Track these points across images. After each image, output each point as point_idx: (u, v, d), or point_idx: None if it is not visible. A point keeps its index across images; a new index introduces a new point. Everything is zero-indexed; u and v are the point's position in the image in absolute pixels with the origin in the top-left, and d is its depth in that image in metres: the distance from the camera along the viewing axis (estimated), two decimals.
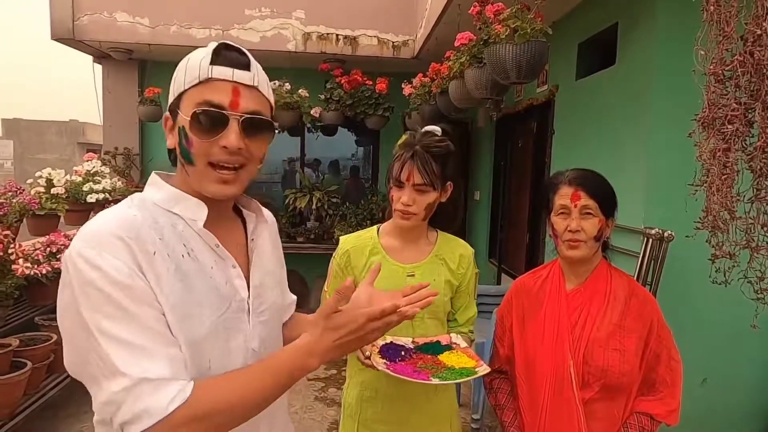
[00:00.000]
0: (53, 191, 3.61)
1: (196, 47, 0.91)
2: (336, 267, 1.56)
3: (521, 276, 1.58)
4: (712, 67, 1.16)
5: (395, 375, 1.20)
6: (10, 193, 3.31)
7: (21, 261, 2.76)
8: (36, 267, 2.82)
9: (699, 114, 1.21)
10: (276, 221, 1.16)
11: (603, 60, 2.96)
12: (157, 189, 0.90)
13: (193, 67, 0.85)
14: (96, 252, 0.76)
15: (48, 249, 2.99)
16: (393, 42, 5.26)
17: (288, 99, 5.09)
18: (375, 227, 1.60)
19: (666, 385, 1.36)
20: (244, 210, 1.01)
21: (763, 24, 1.06)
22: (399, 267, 1.50)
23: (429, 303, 0.96)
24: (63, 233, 3.19)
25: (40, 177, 3.68)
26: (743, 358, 2.53)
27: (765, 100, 1.07)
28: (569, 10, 3.30)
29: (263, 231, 1.02)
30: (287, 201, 5.67)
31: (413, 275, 1.49)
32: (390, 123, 5.40)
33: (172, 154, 0.92)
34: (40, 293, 3.00)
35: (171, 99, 0.89)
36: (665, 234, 2.32)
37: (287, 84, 5.18)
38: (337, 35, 5.22)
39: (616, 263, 1.48)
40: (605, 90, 2.89)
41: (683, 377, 1.37)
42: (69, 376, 0.78)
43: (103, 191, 4.11)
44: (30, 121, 20.57)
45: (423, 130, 1.49)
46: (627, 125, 2.64)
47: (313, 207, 5.66)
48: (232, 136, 0.84)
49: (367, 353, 1.27)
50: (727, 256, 1.24)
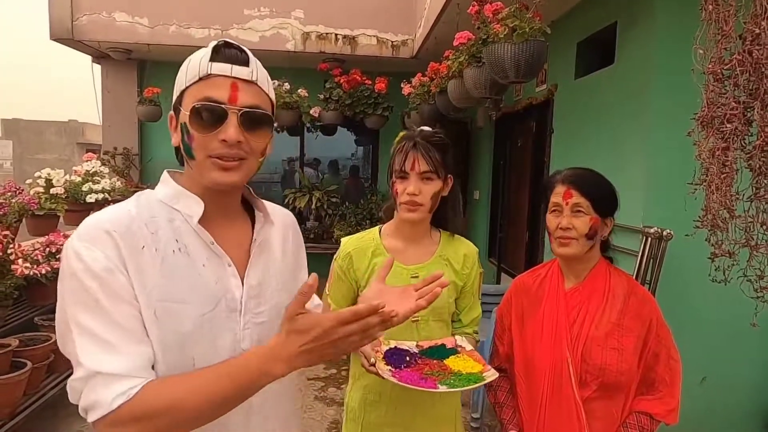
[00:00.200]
0: (52, 191, 3.61)
1: (195, 47, 0.92)
2: (338, 269, 1.52)
3: (520, 275, 1.58)
4: (710, 66, 1.17)
5: (402, 384, 1.18)
6: (9, 193, 3.31)
7: (20, 261, 2.75)
8: (35, 267, 2.82)
9: (698, 113, 1.21)
10: (296, 222, 1.16)
11: (602, 59, 2.96)
12: (164, 186, 0.93)
13: (194, 65, 0.87)
14: (83, 244, 0.80)
15: (47, 249, 2.98)
16: (392, 41, 5.26)
17: (287, 99, 5.10)
18: (376, 228, 1.58)
19: (665, 385, 1.36)
20: (256, 211, 1.02)
21: (762, 23, 1.06)
22: (403, 268, 1.47)
23: (437, 294, 0.97)
24: (62, 233, 3.18)
25: (39, 177, 3.69)
26: (742, 357, 2.53)
27: (764, 98, 1.07)
28: (568, 9, 3.31)
29: (270, 231, 1.02)
30: (287, 201, 5.67)
31: (417, 276, 1.46)
32: (389, 122, 5.40)
33: (178, 153, 0.94)
34: (39, 293, 2.99)
35: (174, 98, 0.91)
36: (664, 233, 2.32)
37: (286, 84, 5.18)
38: (336, 35, 5.22)
39: (615, 262, 1.48)
40: (604, 89, 2.89)
41: (682, 376, 1.37)
42: (69, 376, 0.80)
43: (103, 191, 4.12)
44: (29, 121, 20.53)
45: (419, 129, 1.50)
46: (626, 124, 2.64)
47: (313, 207, 5.67)
48: (231, 129, 0.85)
49: (372, 360, 1.25)
50: (727, 254, 1.25)
